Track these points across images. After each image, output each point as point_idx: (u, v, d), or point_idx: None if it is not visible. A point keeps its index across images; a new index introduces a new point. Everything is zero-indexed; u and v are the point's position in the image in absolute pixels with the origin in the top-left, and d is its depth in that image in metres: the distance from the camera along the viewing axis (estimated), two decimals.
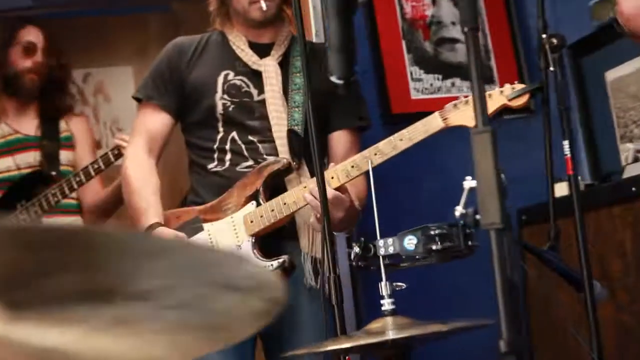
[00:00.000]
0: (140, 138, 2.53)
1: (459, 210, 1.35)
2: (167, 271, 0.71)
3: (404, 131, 2.25)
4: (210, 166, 2.48)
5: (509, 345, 1.07)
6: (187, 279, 0.72)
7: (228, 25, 2.55)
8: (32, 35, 3.19)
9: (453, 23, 3.21)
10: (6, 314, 0.68)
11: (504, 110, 3.09)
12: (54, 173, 3.12)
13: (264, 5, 2.43)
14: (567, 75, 3.22)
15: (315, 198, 2.17)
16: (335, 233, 2.39)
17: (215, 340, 0.82)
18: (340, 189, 2.27)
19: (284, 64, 2.49)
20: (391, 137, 2.25)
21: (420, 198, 3.09)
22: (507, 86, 2.23)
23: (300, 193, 2.30)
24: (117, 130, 4.35)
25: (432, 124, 2.24)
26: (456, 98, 2.28)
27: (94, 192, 3.18)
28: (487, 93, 2.25)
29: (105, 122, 4.37)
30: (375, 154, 2.25)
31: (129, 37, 4.43)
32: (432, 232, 1.66)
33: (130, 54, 4.45)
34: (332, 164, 2.33)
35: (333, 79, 1.09)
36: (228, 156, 2.46)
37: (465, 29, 1.12)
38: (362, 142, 2.53)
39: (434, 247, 1.66)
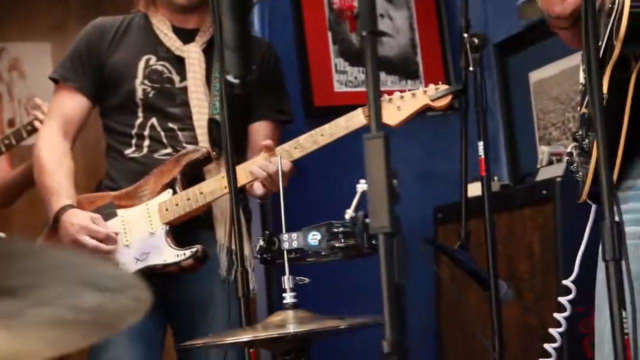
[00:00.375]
0: (55, 120, 2.52)
1: (349, 213, 1.40)
2: (34, 270, 0.75)
3: (325, 126, 2.31)
4: (127, 152, 2.49)
5: (391, 347, 1.12)
6: (53, 278, 0.76)
7: (152, 9, 2.55)
8: None
9: (381, 16, 3.27)
10: None
11: (428, 108, 3.18)
12: None
13: None
14: (493, 75, 3.32)
15: (265, 170, 2.24)
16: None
17: (87, 334, 0.85)
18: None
19: (209, 51, 2.51)
20: (312, 132, 2.31)
21: (335, 194, 3.14)
22: (431, 86, 2.30)
23: (218, 183, 2.33)
24: (32, 109, 4.28)
25: (355, 120, 2.30)
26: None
27: (0, 170, 3.13)
28: (410, 92, 2.33)
29: (20, 99, 4.30)
30: (296, 148, 2.31)
31: (47, 11, 4.36)
32: (335, 230, 1.71)
33: (49, 30, 4.37)
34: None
35: (229, 78, 1.13)
36: (146, 142, 2.48)
37: (364, 33, 1.17)
38: (283, 134, 2.58)
39: (337, 245, 1.72)
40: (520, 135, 3.29)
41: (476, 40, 2.36)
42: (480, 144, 2.33)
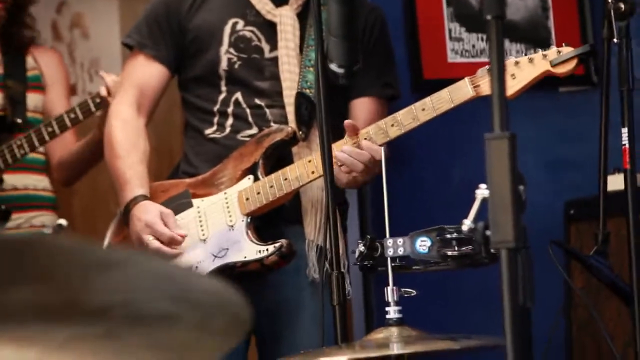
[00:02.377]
0: (129, 93, 2.60)
1: (467, 224, 1.44)
2: (122, 284, 0.82)
3: (426, 99, 2.32)
4: (208, 131, 2.56)
5: None
6: (142, 293, 0.83)
7: None
8: None
9: None
10: None
11: (560, 81, 3.17)
12: (19, 120, 3.14)
13: None
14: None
15: (350, 155, 2.29)
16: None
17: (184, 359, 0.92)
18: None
19: (303, 16, 2.53)
20: (412, 106, 2.32)
21: (447, 188, 3.16)
22: (553, 49, 2.28)
23: (304, 168, 2.38)
24: (96, 74, 4.41)
25: (460, 92, 2.31)
26: None
27: (63, 145, 3.19)
28: (527, 57, 2.32)
29: (83, 63, 4.42)
30: (393, 125, 2.33)
31: None
32: (448, 235, 1.75)
33: None
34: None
35: (333, 67, 1.19)
36: (229, 121, 2.54)
37: (488, 17, 1.21)
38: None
39: (449, 253, 1.75)
40: None
41: (622, 6, 2.35)
42: (625, 130, 2.33)
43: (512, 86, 2.26)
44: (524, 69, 2.28)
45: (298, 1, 2.54)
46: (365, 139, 2.34)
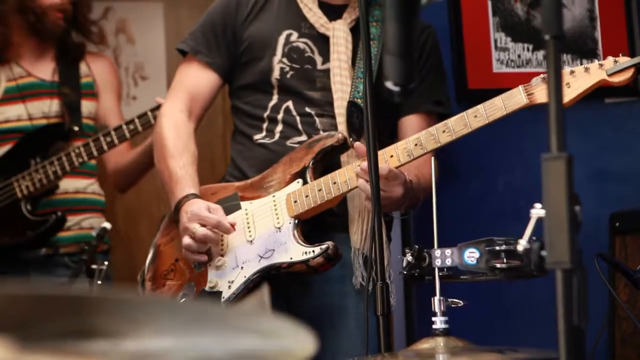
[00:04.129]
0: (180, 97, 2.64)
1: (522, 244, 1.44)
2: (184, 317, 0.83)
3: (479, 106, 2.31)
4: (256, 137, 2.59)
5: None
6: (205, 324, 0.83)
7: None
8: None
9: None
10: (19, 346, 0.81)
11: (606, 91, 3.14)
12: (76, 128, 3.20)
13: None
14: None
15: (365, 177, 2.28)
16: (392, 214, 2.49)
17: None
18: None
19: (356, 30, 2.55)
20: (464, 113, 2.31)
21: (491, 198, 3.15)
22: (609, 59, 2.26)
23: (354, 172, 2.39)
24: (141, 79, 4.45)
25: (514, 99, 2.29)
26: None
27: (118, 153, 3.25)
28: (583, 67, 2.30)
29: (127, 67, 4.46)
30: (444, 132, 2.32)
31: None
32: (497, 248, 1.74)
33: None
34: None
35: (389, 84, 1.19)
36: (279, 127, 2.56)
37: (547, 37, 1.20)
38: None
39: (498, 265, 1.75)
40: None
41: None
42: None
43: (567, 94, 2.25)
44: (580, 77, 2.26)
45: (352, 16, 2.58)
46: (416, 144, 2.34)
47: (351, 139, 2.48)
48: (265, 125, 2.58)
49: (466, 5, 3.14)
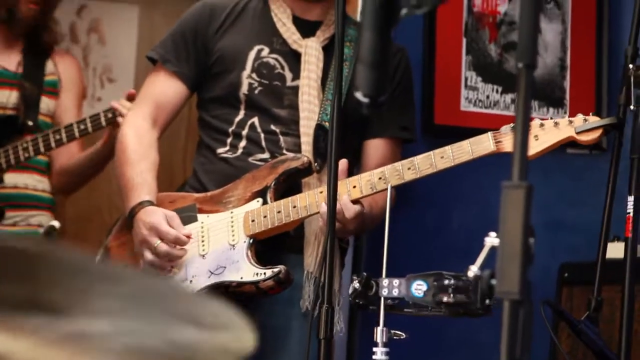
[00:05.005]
0: (146, 105, 2.62)
1: (473, 270, 1.43)
2: (126, 295, 0.81)
3: (447, 148, 2.32)
4: (220, 151, 2.57)
5: None
6: (146, 306, 0.82)
7: None
8: None
9: None
10: None
11: (568, 143, 3.16)
12: (30, 123, 3.16)
13: None
14: None
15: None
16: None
17: None
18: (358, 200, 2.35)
19: (329, 49, 2.55)
20: (431, 153, 2.32)
21: (446, 233, 3.15)
22: (579, 117, 2.29)
23: (315, 198, 2.38)
24: (108, 81, 4.41)
25: (482, 145, 2.31)
26: (514, 118, 2.33)
27: (69, 153, 3.21)
28: (553, 121, 2.32)
29: (95, 68, 4.42)
30: (409, 169, 2.33)
31: None
32: (445, 282, 1.73)
33: None
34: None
35: (358, 95, 1.17)
36: (242, 143, 2.55)
37: (520, 65, 1.19)
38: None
39: (444, 299, 1.74)
40: None
41: None
42: (631, 199, 2.32)
43: (534, 147, 2.28)
44: (548, 131, 2.29)
45: (325, 34, 2.58)
46: (380, 178, 2.34)
47: (316, 164, 2.47)
48: (229, 140, 2.56)
49: (441, 40, 3.15)
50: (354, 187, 2.35)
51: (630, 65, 2.36)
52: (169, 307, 0.83)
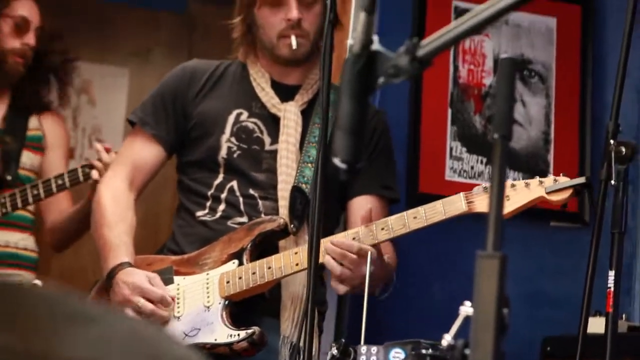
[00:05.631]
0: (123, 167, 2.64)
1: (447, 339, 1.42)
2: (98, 339, 0.80)
3: (419, 208, 2.34)
4: (199, 214, 2.57)
5: None
6: (116, 351, 0.81)
7: (251, 57, 2.66)
8: (26, 9, 3.22)
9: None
10: None
11: (552, 215, 3.17)
12: (9, 177, 3.15)
13: (294, 43, 2.54)
14: (639, 192, 3.29)
15: (339, 247, 2.26)
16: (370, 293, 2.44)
17: None
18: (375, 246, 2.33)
19: (308, 112, 2.59)
20: (404, 213, 2.34)
21: (426, 302, 3.14)
22: (550, 177, 2.32)
23: (290, 259, 2.38)
24: (97, 141, 4.42)
25: (454, 205, 2.33)
26: None
27: (58, 209, 3.20)
28: (524, 182, 2.34)
29: (85, 128, 4.46)
30: (383, 229, 2.34)
31: (133, 35, 4.52)
32: (423, 351, 1.73)
33: (130, 55, 4.53)
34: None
35: (336, 161, 1.18)
36: (221, 207, 2.55)
37: (495, 136, 1.21)
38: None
39: None
40: None
41: (624, 150, 2.37)
42: (611, 273, 2.32)
43: (506, 207, 2.27)
44: (520, 192, 2.32)
45: (304, 98, 2.61)
46: (354, 238, 2.34)
47: (292, 226, 2.48)
48: (208, 203, 2.57)
49: (426, 110, 3.18)
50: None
51: (612, 141, 2.38)
52: (141, 352, 0.82)
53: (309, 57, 2.61)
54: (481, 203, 2.30)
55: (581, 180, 2.27)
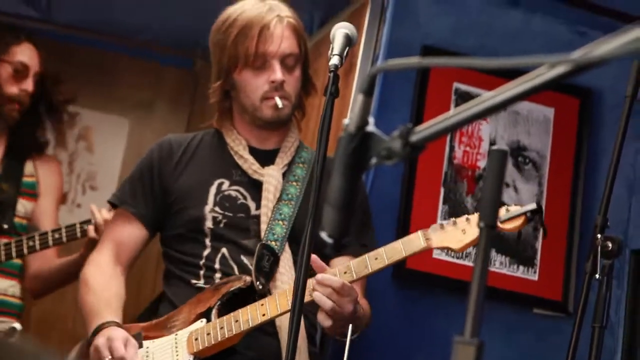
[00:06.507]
0: (107, 246, 2.66)
1: None
2: None
3: (380, 250, 2.37)
4: (194, 281, 2.58)
5: None
6: None
7: (227, 125, 2.68)
8: (26, 55, 3.25)
9: (507, 184, 3.34)
10: None
11: (535, 302, 3.17)
12: (5, 226, 3.16)
13: (279, 103, 2.57)
14: (623, 286, 3.30)
15: (326, 286, 2.26)
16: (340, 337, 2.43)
17: None
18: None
19: (287, 173, 2.63)
20: (366, 256, 2.37)
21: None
22: (502, 208, 2.34)
23: (256, 311, 2.39)
24: (90, 189, 4.43)
25: (413, 243, 2.37)
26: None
27: (44, 257, 3.21)
28: (478, 214, 2.35)
29: (80, 174, 4.46)
30: (345, 272, 2.35)
31: (136, 86, 4.54)
32: None
33: (132, 106, 4.55)
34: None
35: (323, 235, 1.20)
36: (218, 275, 2.55)
37: (482, 225, 1.23)
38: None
39: None
40: None
41: (610, 245, 2.39)
42: None
43: (461, 240, 2.35)
44: (474, 225, 2.34)
45: (284, 161, 2.64)
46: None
47: (258, 283, 2.48)
48: (202, 272, 2.58)
49: (419, 186, 3.21)
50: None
51: (599, 235, 2.40)
52: None
53: (287, 120, 2.65)
54: (438, 238, 2.36)
55: (532, 206, 2.31)
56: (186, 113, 4.56)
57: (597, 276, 2.37)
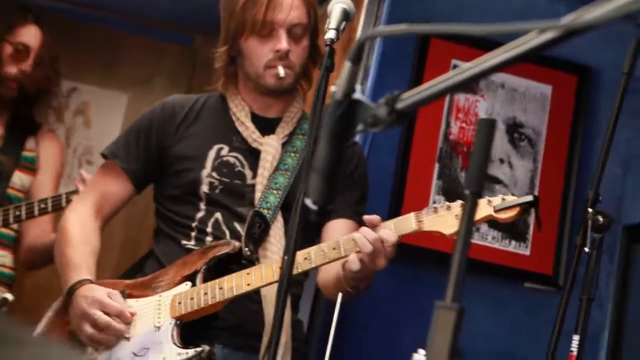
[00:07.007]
0: (91, 196, 2.66)
1: None
2: None
3: (364, 229, 2.32)
4: (185, 242, 2.58)
5: None
6: None
7: (231, 89, 2.67)
8: (29, 36, 3.28)
9: (501, 160, 3.35)
10: None
11: (527, 276, 3.19)
12: None
13: (281, 72, 2.56)
14: (614, 261, 3.32)
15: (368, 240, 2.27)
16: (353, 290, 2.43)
17: None
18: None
19: (288, 144, 2.63)
20: (352, 235, 2.33)
21: (394, 354, 3.15)
22: (498, 197, 2.33)
23: (241, 279, 2.39)
24: (87, 163, 4.45)
25: (405, 224, 2.35)
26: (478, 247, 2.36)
27: (40, 231, 3.24)
28: None
29: (77, 148, 4.47)
30: (334, 249, 2.35)
31: (136, 62, 4.55)
32: None
33: (131, 81, 4.56)
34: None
35: (308, 202, 1.22)
36: (209, 238, 2.55)
37: (467, 192, 1.24)
38: None
39: None
40: (632, 337, 3.26)
41: (601, 219, 2.41)
42: (576, 337, 2.35)
43: (453, 226, 2.32)
44: None
45: (285, 131, 2.63)
46: (306, 258, 2.35)
47: (247, 249, 2.49)
48: (194, 234, 2.57)
49: (414, 162, 3.22)
50: (280, 267, 2.31)
51: (590, 209, 2.42)
52: None
53: (292, 89, 2.65)
54: (430, 222, 2.35)
55: (528, 198, 2.28)
56: (184, 89, 4.57)
57: (586, 249, 2.39)
